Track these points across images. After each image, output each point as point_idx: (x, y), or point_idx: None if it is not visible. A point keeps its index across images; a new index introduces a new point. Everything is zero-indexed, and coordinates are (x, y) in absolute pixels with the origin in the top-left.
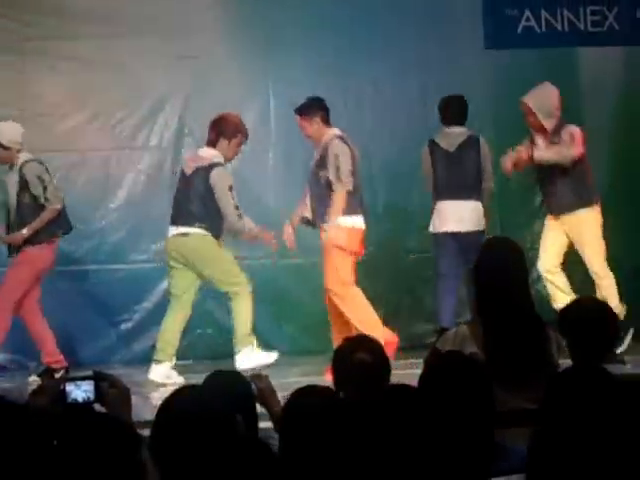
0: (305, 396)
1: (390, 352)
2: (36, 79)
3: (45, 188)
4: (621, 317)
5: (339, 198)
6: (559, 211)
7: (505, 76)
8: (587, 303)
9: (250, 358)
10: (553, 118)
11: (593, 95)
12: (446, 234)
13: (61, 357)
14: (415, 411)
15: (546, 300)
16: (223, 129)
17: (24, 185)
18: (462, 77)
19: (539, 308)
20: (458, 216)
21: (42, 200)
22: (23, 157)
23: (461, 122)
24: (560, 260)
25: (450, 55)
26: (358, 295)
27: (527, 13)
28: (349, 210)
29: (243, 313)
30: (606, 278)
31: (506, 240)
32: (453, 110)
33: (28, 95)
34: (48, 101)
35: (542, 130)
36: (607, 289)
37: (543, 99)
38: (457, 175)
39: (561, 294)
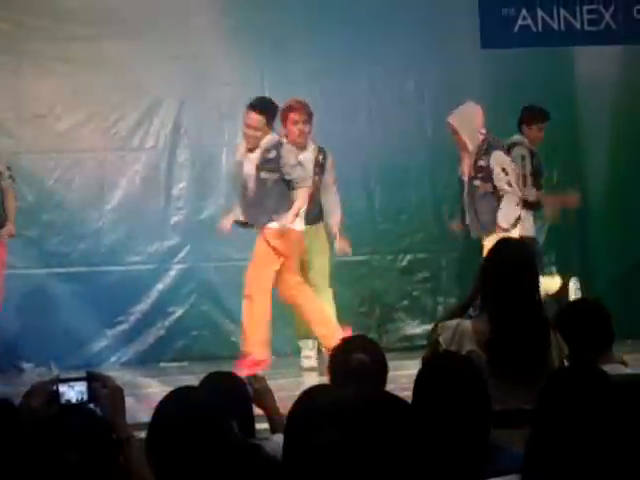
0: (316, 396)
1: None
2: (31, 80)
3: None
4: None
5: (301, 199)
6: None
7: (502, 76)
8: (582, 304)
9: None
10: (476, 137)
11: (589, 94)
12: None
13: None
14: (410, 411)
15: None
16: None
17: None
18: (459, 77)
19: None
20: None
21: None
22: None
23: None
24: None
25: (447, 55)
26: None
27: (523, 12)
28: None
29: None
30: None
31: (519, 240)
32: None
33: (23, 96)
34: (43, 102)
35: (467, 149)
36: None
37: (466, 118)
38: None
39: None
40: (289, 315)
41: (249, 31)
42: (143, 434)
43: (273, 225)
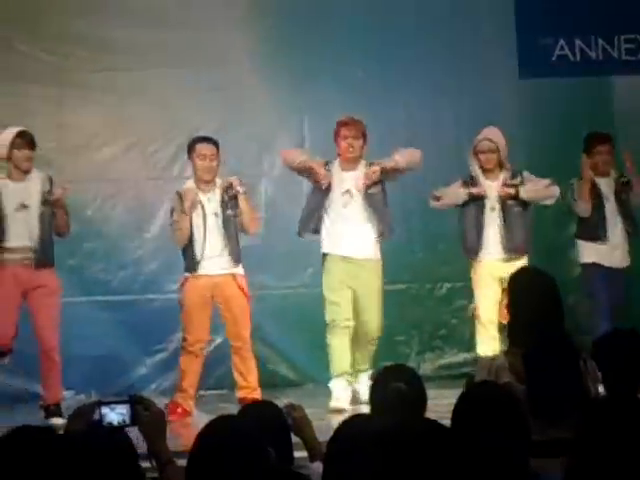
0: (353, 425)
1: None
2: (73, 111)
3: None
4: None
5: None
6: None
7: (539, 105)
8: (621, 333)
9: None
10: (506, 157)
11: (627, 125)
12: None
13: None
14: (450, 441)
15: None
16: None
17: None
18: (495, 104)
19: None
20: None
21: None
22: None
23: None
24: None
25: (483, 82)
26: None
27: (561, 42)
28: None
29: None
30: None
31: (536, 270)
32: None
33: (65, 126)
34: (84, 132)
35: (504, 166)
36: None
37: (499, 137)
38: None
39: None
40: (325, 343)
41: (285, 60)
42: (181, 462)
43: None
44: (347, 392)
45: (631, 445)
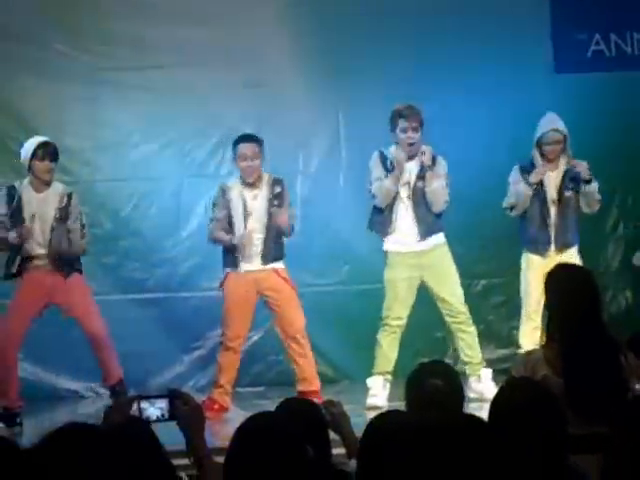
0: (386, 421)
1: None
2: (109, 109)
3: None
4: None
5: None
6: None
7: (575, 100)
8: None
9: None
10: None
11: None
12: None
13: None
14: (487, 436)
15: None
16: None
17: None
18: (531, 101)
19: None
20: None
21: None
22: None
23: None
24: None
25: (519, 79)
26: None
27: (597, 37)
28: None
29: None
30: None
31: (573, 265)
32: None
33: (100, 124)
34: (121, 130)
35: (566, 157)
36: None
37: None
38: None
39: None
40: (363, 340)
41: (321, 58)
42: (218, 458)
43: None
44: (385, 390)
45: None
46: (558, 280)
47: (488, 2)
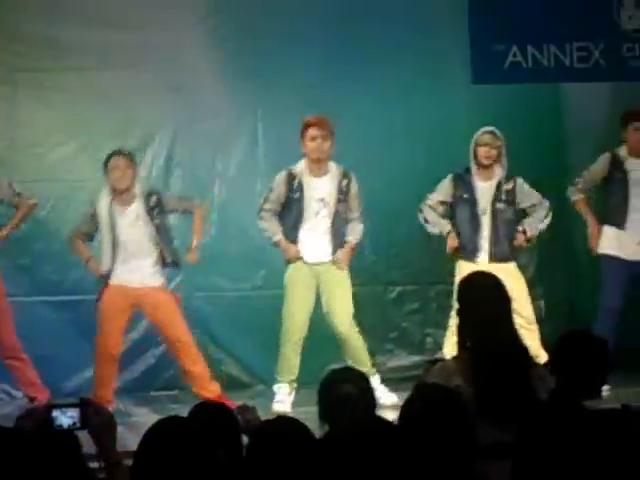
0: (271, 428)
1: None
2: (26, 109)
3: None
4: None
5: None
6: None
7: (491, 111)
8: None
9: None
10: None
11: (578, 131)
12: None
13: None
14: (396, 443)
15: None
16: None
17: None
18: (447, 111)
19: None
20: None
21: None
22: None
23: None
24: None
25: (435, 89)
26: None
27: (514, 49)
28: None
29: None
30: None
31: (484, 273)
32: None
33: (18, 125)
34: (38, 132)
35: (499, 164)
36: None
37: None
38: None
39: None
40: (277, 345)
41: (241, 61)
42: (129, 461)
43: None
44: (290, 396)
45: (570, 449)
46: (468, 288)
47: (407, 10)
